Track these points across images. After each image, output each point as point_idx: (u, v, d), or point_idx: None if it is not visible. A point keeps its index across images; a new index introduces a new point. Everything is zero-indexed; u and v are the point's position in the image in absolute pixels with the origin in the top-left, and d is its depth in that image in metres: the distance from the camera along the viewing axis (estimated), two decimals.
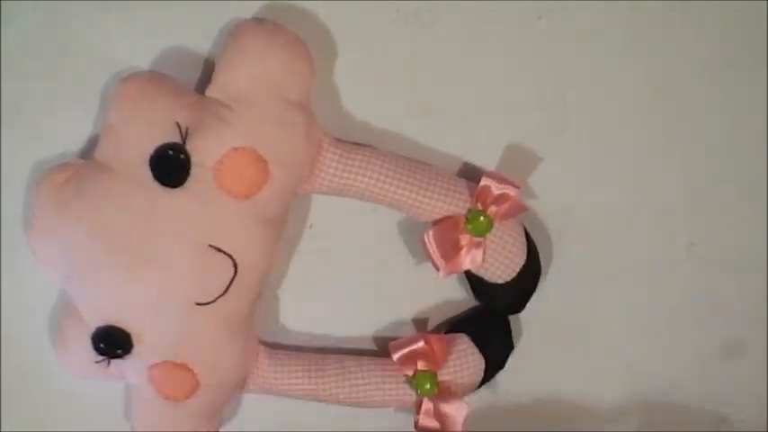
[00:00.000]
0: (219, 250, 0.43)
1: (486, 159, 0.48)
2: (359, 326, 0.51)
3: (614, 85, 0.48)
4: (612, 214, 0.50)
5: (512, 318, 0.50)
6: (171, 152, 0.42)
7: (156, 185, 0.42)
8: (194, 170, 0.42)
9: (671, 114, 0.49)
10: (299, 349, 0.50)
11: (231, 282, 0.43)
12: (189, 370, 0.45)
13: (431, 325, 0.51)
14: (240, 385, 0.48)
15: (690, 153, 0.49)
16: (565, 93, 0.48)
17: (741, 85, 0.48)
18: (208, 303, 0.43)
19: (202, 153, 0.42)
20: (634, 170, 0.49)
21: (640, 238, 0.50)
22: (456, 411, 0.47)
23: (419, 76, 0.47)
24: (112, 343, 0.44)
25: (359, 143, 0.46)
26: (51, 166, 0.44)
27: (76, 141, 0.47)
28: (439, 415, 0.47)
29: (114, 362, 0.45)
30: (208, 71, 0.45)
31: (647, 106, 0.48)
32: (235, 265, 0.43)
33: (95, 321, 0.44)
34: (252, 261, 0.44)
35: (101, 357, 0.45)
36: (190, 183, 0.42)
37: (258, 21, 0.44)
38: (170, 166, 0.42)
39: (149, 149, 0.42)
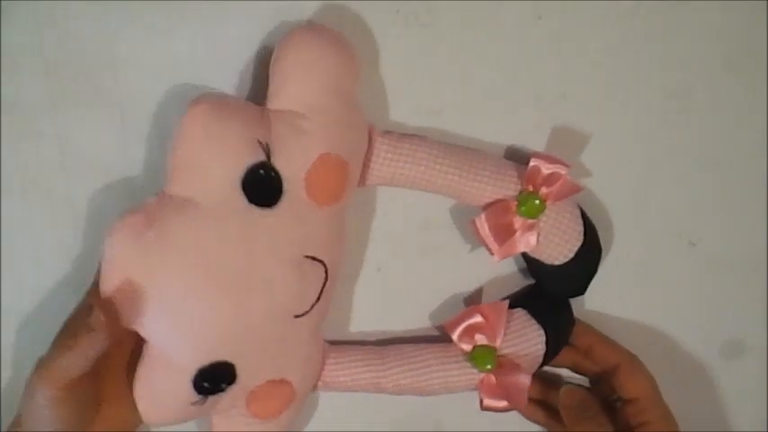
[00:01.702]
0: (314, 259, 0.42)
1: None
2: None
3: (614, 86, 0.48)
4: (612, 214, 0.50)
5: None
6: (262, 171, 0.41)
7: (252, 208, 0.41)
8: (286, 185, 0.41)
9: (671, 114, 0.49)
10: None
11: (323, 287, 0.43)
12: (288, 383, 0.44)
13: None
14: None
15: (690, 153, 0.49)
16: (565, 93, 0.48)
17: (741, 85, 0.49)
18: (304, 314, 0.43)
19: (290, 166, 0.41)
20: (634, 170, 0.49)
21: (640, 238, 0.50)
22: (520, 383, 0.46)
23: (419, 76, 0.47)
24: (217, 379, 0.42)
25: (404, 133, 0.46)
26: (121, 215, 0.41)
27: (76, 142, 0.47)
28: (502, 390, 0.46)
29: (211, 397, 0.43)
30: (210, 71, 0.45)
31: (647, 106, 0.48)
32: (326, 270, 0.43)
33: (199, 363, 0.41)
34: (336, 261, 0.44)
35: (198, 397, 0.42)
36: (284, 199, 0.41)
37: (310, 25, 0.44)
38: (265, 186, 0.41)
39: (238, 172, 0.40)
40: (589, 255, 0.47)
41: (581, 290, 0.48)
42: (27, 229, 0.47)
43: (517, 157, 0.48)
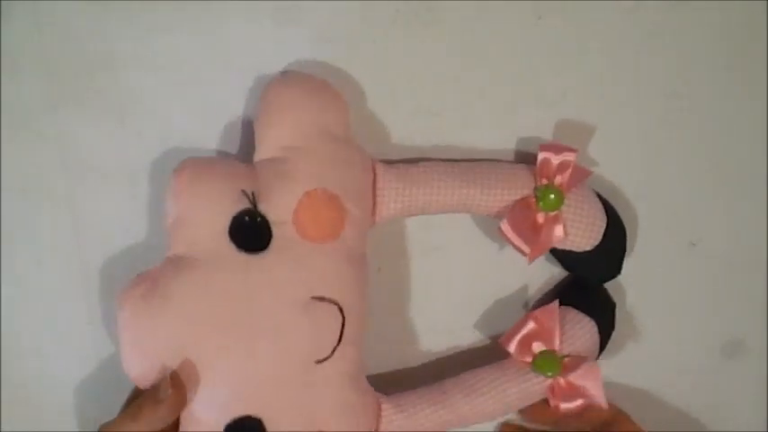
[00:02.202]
0: (323, 299, 0.42)
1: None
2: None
3: (614, 86, 0.48)
4: None
5: None
6: (247, 218, 0.41)
7: (242, 255, 0.41)
8: (275, 229, 0.42)
9: (671, 114, 0.49)
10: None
11: (342, 328, 0.42)
12: None
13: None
14: None
15: (690, 153, 0.49)
16: (565, 93, 0.48)
17: (741, 85, 0.49)
18: (327, 358, 0.42)
19: (277, 209, 0.42)
20: (634, 170, 0.49)
21: (640, 238, 0.50)
22: (590, 375, 0.45)
23: (419, 77, 0.47)
24: None
25: (405, 160, 0.47)
26: (125, 284, 0.42)
27: (76, 142, 0.47)
28: (575, 389, 0.46)
29: None
30: (210, 71, 0.45)
31: (647, 106, 0.48)
32: (341, 310, 0.42)
33: (223, 420, 0.42)
34: (353, 302, 0.43)
35: None
36: (274, 242, 0.42)
37: (284, 75, 0.45)
38: (251, 232, 0.42)
39: (225, 223, 0.41)
40: (616, 234, 0.47)
41: (616, 271, 0.48)
42: (27, 229, 0.47)
43: (518, 157, 0.48)
